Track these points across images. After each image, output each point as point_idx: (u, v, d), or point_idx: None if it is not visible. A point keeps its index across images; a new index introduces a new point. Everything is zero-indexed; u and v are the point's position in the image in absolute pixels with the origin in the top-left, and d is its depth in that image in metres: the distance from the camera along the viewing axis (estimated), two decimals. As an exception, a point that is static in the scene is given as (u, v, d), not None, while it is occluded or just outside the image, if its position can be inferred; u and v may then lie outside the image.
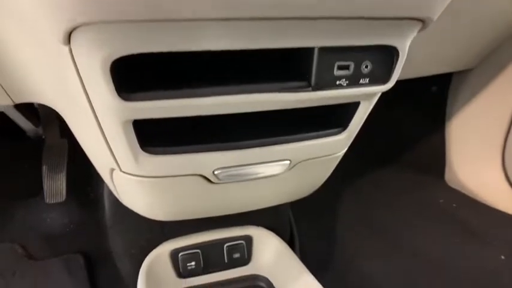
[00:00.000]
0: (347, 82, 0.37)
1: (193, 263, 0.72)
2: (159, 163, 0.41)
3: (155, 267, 0.71)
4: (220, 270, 0.74)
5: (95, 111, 0.35)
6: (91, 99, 0.34)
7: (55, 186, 0.85)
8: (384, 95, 0.44)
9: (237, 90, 0.35)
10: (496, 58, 1.01)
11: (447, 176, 1.19)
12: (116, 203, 0.76)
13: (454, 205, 1.07)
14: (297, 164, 0.48)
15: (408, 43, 0.38)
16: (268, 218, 0.80)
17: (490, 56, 1.01)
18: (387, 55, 0.38)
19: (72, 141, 0.88)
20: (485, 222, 0.99)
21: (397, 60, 0.38)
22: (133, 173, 0.42)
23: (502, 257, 0.86)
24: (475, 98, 1.11)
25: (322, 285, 0.65)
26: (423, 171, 1.18)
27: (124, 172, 0.42)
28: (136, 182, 0.43)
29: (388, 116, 1.17)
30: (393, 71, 0.39)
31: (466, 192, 1.12)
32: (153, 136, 0.39)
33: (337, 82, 0.37)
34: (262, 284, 0.74)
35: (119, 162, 0.41)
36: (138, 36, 0.29)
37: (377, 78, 0.39)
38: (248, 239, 0.76)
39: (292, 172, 0.49)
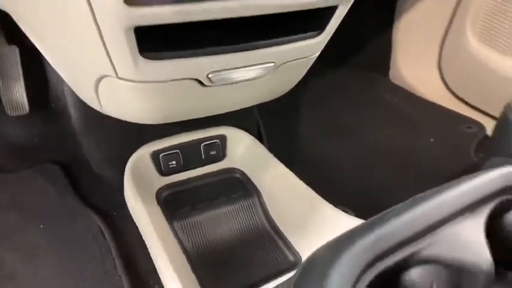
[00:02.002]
0: None
1: (174, 162, 0.78)
2: (157, 68, 0.43)
3: (138, 168, 0.76)
4: (199, 166, 0.81)
5: (96, 17, 0.35)
6: (92, 5, 0.34)
7: (14, 97, 0.81)
8: None
9: None
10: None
11: (391, 74, 1.31)
12: (85, 111, 0.76)
13: (395, 99, 1.22)
14: (279, 65, 0.52)
15: None
16: (238, 119, 0.85)
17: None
18: None
19: (22, 51, 0.81)
20: (420, 112, 1.16)
21: None
22: (131, 78, 0.43)
23: (431, 140, 1.05)
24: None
25: None
26: (371, 70, 1.29)
27: (121, 78, 0.44)
28: (134, 88, 0.45)
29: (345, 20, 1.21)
30: None
31: (406, 88, 1.26)
32: (151, 41, 0.40)
33: None
34: (237, 175, 0.83)
35: (116, 68, 0.42)
36: None
37: None
38: (222, 138, 0.82)
39: (274, 74, 0.54)
